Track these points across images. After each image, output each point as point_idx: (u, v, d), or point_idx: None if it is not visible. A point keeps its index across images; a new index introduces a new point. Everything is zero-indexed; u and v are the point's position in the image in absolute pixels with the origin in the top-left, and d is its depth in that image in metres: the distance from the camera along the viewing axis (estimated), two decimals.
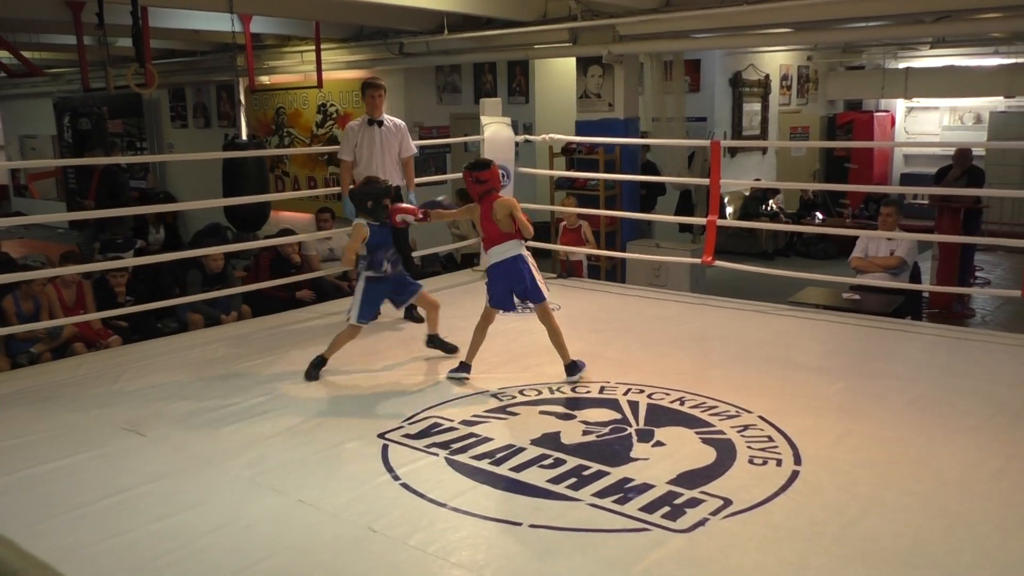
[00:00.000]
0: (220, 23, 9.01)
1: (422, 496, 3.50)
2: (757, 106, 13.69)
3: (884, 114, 15.64)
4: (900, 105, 16.12)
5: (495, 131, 7.78)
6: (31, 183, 18.93)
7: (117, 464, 3.90)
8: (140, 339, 6.45)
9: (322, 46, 10.69)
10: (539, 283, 4.90)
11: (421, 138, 11.81)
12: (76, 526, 3.33)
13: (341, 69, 11.87)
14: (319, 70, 10.54)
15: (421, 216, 5.10)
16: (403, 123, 6.31)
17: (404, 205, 5.22)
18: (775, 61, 13.88)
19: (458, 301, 7.06)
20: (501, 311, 5.06)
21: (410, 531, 3.22)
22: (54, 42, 11.22)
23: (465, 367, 4.95)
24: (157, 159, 15.24)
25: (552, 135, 8.42)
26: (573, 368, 4.89)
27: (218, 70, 13.33)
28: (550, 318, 4.95)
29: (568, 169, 9.86)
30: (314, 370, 5.00)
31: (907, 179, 15.36)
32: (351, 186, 5.84)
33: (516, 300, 5.03)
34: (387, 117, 6.16)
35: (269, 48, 12.44)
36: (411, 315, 6.16)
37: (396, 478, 3.68)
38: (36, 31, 10.49)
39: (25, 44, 10.77)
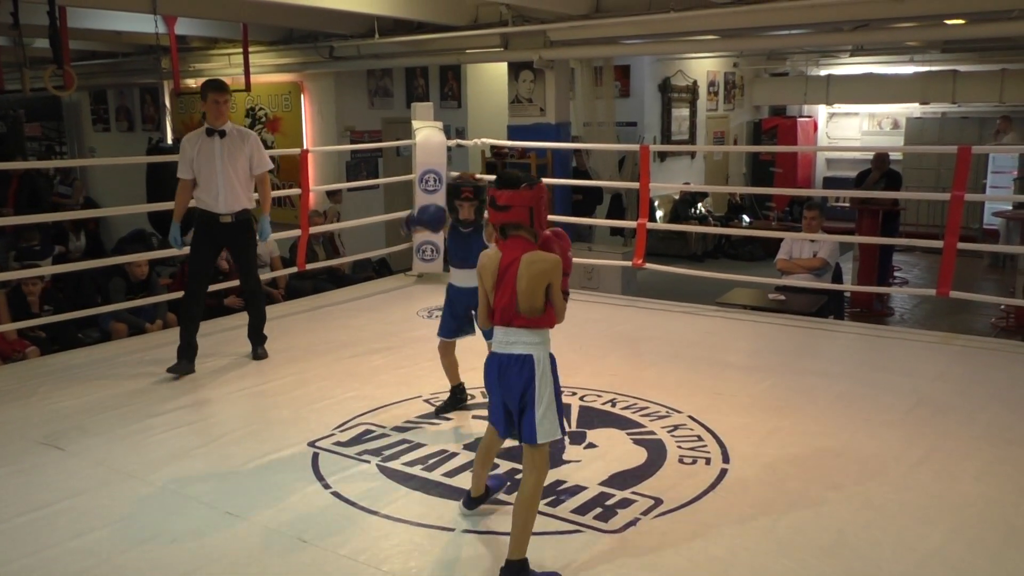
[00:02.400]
0: (143, 24, 8.78)
1: (353, 504, 3.46)
2: (686, 111, 13.92)
3: (807, 119, 16.09)
4: (822, 111, 16.62)
5: (427, 135, 7.75)
6: None
7: (34, 480, 3.76)
8: (59, 350, 6.23)
9: (250, 49, 10.51)
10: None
11: (353, 142, 11.73)
12: None
13: (270, 72, 11.70)
14: (247, 73, 10.36)
15: None
16: (253, 133, 5.38)
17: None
18: (703, 67, 14.15)
19: (390, 306, 7.03)
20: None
21: (341, 540, 3.17)
22: None
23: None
24: (78, 163, 14.75)
25: (484, 139, 8.44)
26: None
27: (142, 72, 13.01)
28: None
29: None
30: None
31: (829, 182, 15.82)
32: (191, 207, 5.24)
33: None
34: (232, 126, 5.21)
35: (195, 50, 12.18)
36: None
37: (327, 487, 3.62)
38: None
39: None
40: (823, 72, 15.15)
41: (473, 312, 4.20)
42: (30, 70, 8.53)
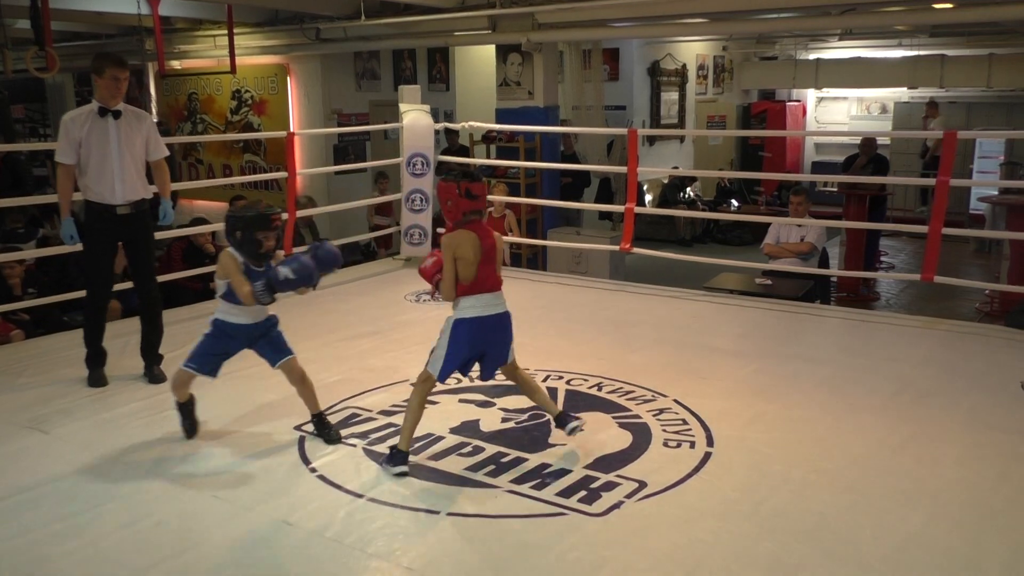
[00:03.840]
0: (126, 5, 8.70)
1: (339, 487, 3.46)
2: (675, 95, 13.91)
3: (796, 104, 16.09)
4: (811, 95, 16.61)
5: (414, 119, 7.71)
6: None
7: (19, 463, 3.75)
8: (45, 333, 6.19)
9: (235, 30, 10.43)
10: None
11: (340, 125, 11.67)
12: None
13: (256, 54, 11.61)
14: (232, 55, 10.28)
15: (433, 286, 3.77)
16: (147, 114, 4.94)
17: (432, 268, 3.73)
18: (692, 51, 14.12)
19: (378, 291, 7.02)
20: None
21: (326, 523, 3.18)
22: None
23: (401, 457, 3.59)
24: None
25: (472, 123, 8.40)
26: (565, 419, 3.82)
27: (125, 54, 12.81)
28: (519, 373, 3.86)
29: (488, 157, 9.84)
30: (187, 420, 4.00)
31: (818, 167, 15.85)
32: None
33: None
34: (126, 106, 4.66)
35: (180, 32, 12.07)
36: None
37: (312, 470, 3.63)
38: None
39: None
40: (812, 56, 15.15)
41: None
42: (12, 51, 8.46)
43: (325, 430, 3.95)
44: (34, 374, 4.94)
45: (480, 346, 3.66)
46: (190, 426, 4.00)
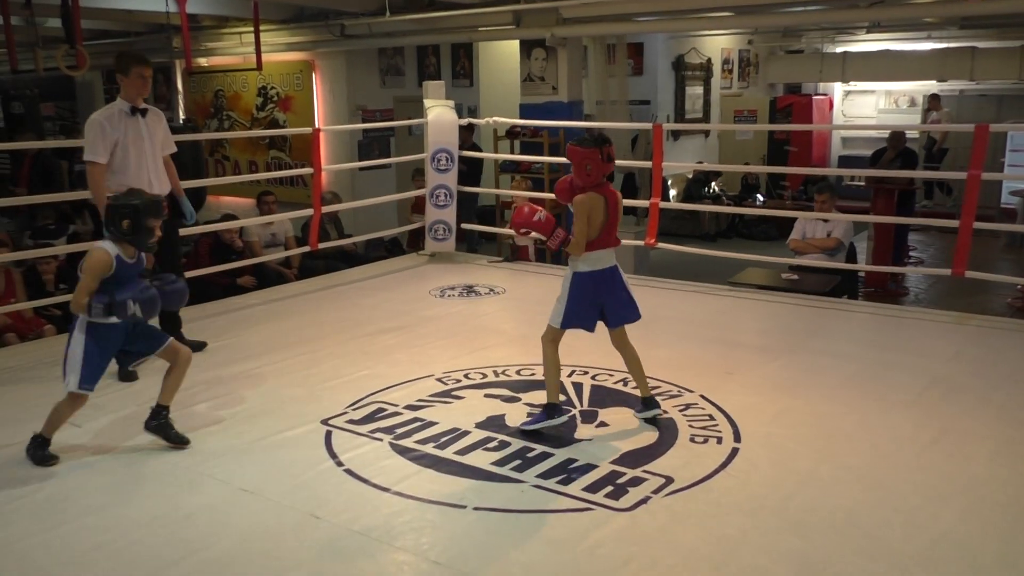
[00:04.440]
0: (154, 3, 8.76)
1: (366, 481, 3.48)
2: (699, 89, 13.83)
3: (823, 97, 15.94)
4: (838, 89, 16.46)
5: (439, 114, 7.73)
6: None
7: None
8: None
9: (261, 27, 10.46)
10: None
11: (364, 121, 11.71)
12: (9, 519, 3.25)
13: (281, 51, 11.67)
14: (258, 52, 10.32)
15: (556, 245, 3.81)
16: (161, 112, 5.06)
17: (532, 214, 3.81)
18: (716, 45, 14.03)
19: (403, 286, 7.04)
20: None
21: (354, 517, 3.20)
22: None
23: (554, 409, 3.90)
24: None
25: (496, 118, 8.41)
26: (651, 403, 4.04)
27: (154, 51, 12.94)
28: (627, 343, 4.07)
29: (512, 152, 9.84)
30: (41, 451, 3.72)
31: (845, 161, 15.70)
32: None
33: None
34: (145, 104, 4.84)
35: (206, 29, 12.15)
36: (128, 374, 4.68)
37: (340, 464, 3.65)
38: None
39: None
40: (839, 49, 15.00)
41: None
42: (43, 50, 8.56)
43: (161, 424, 3.83)
44: None
45: (599, 297, 3.90)
46: (46, 458, 3.69)
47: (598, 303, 3.93)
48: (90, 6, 9.26)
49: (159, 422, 3.84)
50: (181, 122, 9.83)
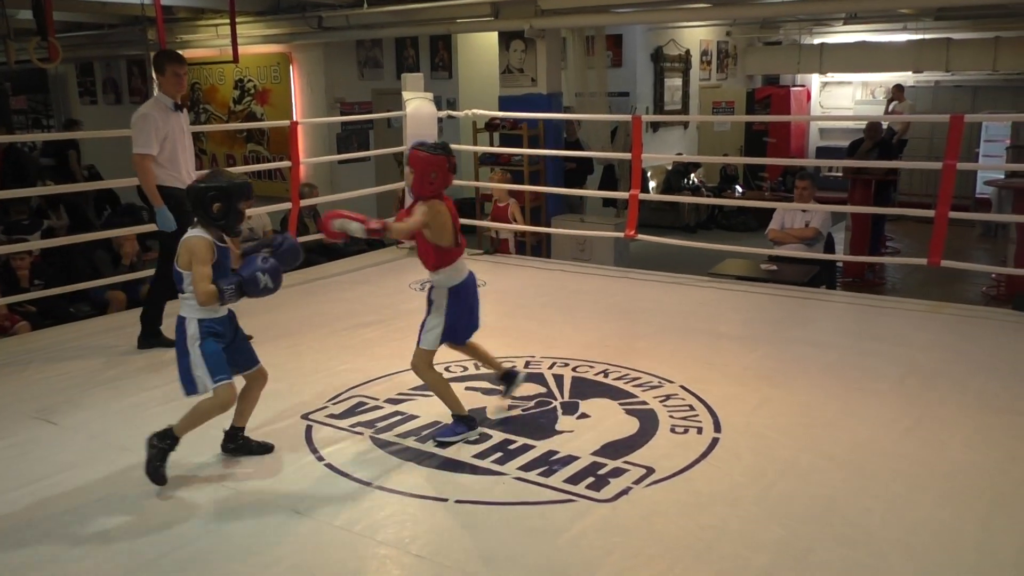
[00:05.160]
0: None
1: (347, 476, 3.47)
2: (679, 81, 13.85)
3: (800, 89, 16.01)
4: (815, 80, 16.53)
5: (417, 107, 7.69)
6: None
7: (28, 454, 3.76)
8: (51, 324, 6.21)
9: (237, 19, 10.36)
10: None
11: (343, 114, 11.64)
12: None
13: (258, 43, 11.56)
14: (235, 44, 10.22)
15: (375, 227, 3.64)
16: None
17: (343, 211, 3.71)
18: (695, 36, 14.05)
19: (382, 279, 7.02)
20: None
21: (335, 511, 3.18)
22: None
23: (465, 420, 3.83)
24: (63, 137, 14.64)
25: (475, 110, 8.38)
26: (510, 376, 4.14)
27: (128, 44, 12.83)
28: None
29: (492, 144, 9.82)
30: (162, 460, 3.40)
31: (822, 152, 15.79)
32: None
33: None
34: None
35: (182, 21, 12.02)
36: None
37: (320, 459, 3.63)
38: None
39: None
40: (816, 41, 15.06)
41: None
42: (14, 42, 8.43)
43: (240, 446, 3.67)
44: (41, 365, 4.95)
45: (472, 303, 3.90)
46: (159, 473, 3.39)
47: (473, 309, 3.91)
48: None
49: (237, 444, 3.67)
50: None
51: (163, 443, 3.38)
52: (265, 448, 3.69)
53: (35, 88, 15.10)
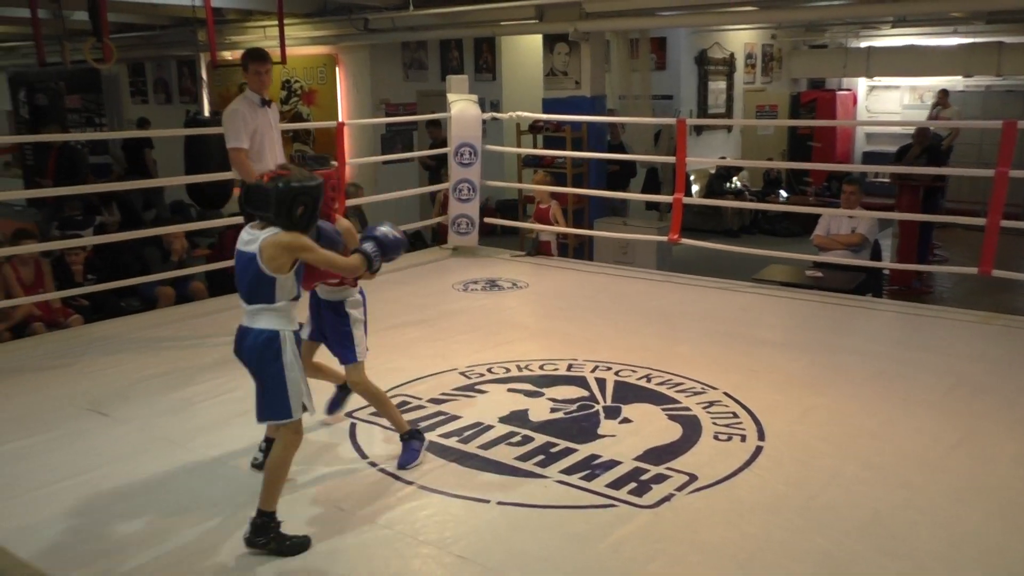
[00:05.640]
0: None
1: (390, 475, 3.51)
2: (722, 84, 13.75)
3: (846, 93, 15.79)
4: (862, 84, 16.29)
5: (462, 108, 7.74)
6: None
7: (79, 445, 3.86)
8: (102, 318, 6.36)
9: (285, 21, 10.50)
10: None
11: (387, 115, 11.74)
12: (38, 507, 3.30)
13: (305, 45, 11.70)
14: (282, 46, 10.36)
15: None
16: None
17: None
18: (740, 39, 13.93)
19: (425, 279, 7.07)
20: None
21: (378, 510, 3.22)
22: (7, 15, 10.90)
23: (416, 434, 3.71)
24: (116, 136, 14.95)
25: (519, 113, 8.40)
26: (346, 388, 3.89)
27: (179, 45, 13.08)
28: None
29: (535, 147, 9.84)
30: (283, 539, 2.98)
31: (869, 157, 15.54)
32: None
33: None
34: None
35: (231, 23, 12.21)
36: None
37: (364, 456, 3.68)
38: None
39: None
40: (863, 44, 14.85)
41: None
42: (70, 43, 8.63)
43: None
44: (94, 358, 5.07)
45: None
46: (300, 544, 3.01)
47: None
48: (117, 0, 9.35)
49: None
50: (207, 115, 9.90)
51: (267, 533, 2.96)
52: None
53: (88, 88, 15.41)
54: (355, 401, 4.27)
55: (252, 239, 2.96)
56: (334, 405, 4.02)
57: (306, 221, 2.99)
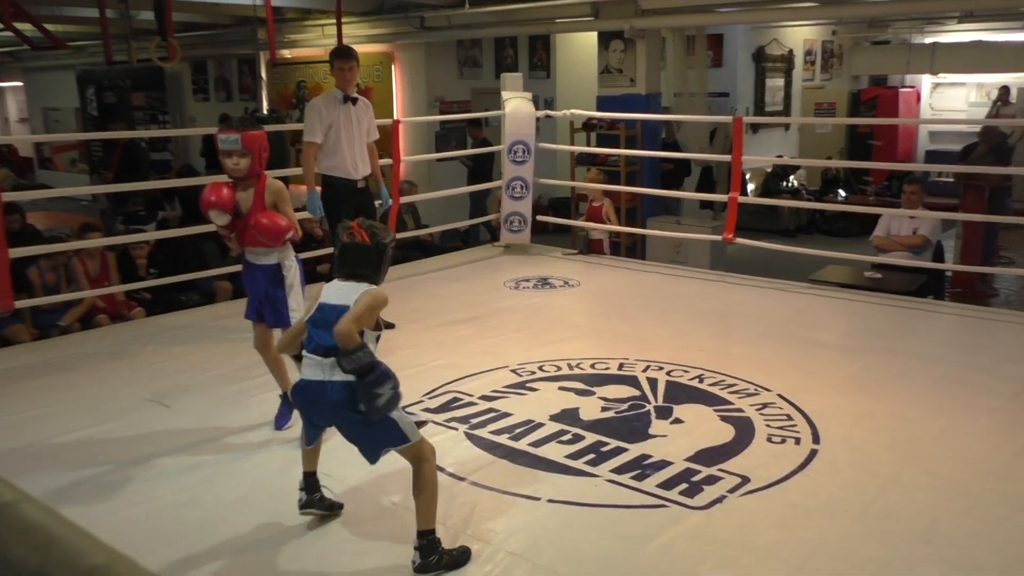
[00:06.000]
0: None
1: (441, 470, 3.51)
2: (780, 81, 13.53)
3: (909, 90, 15.41)
4: (926, 81, 15.87)
5: (516, 106, 7.75)
6: (54, 155, 19.09)
7: (142, 434, 3.96)
8: (162, 311, 6.52)
9: (343, 20, 10.65)
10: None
11: (442, 112, 11.82)
12: (103, 494, 3.40)
13: (362, 43, 11.84)
14: (340, 44, 10.52)
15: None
16: (369, 102, 5.53)
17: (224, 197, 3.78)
18: (799, 36, 13.70)
19: (477, 276, 7.10)
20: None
21: None
22: (76, 15, 11.25)
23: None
24: (179, 133, 15.32)
25: (573, 110, 8.39)
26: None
27: (239, 43, 13.35)
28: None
29: (588, 144, 9.81)
30: (444, 554, 2.86)
31: (932, 156, 15.14)
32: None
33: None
34: (357, 95, 5.38)
35: (290, 21, 12.42)
36: None
37: None
38: (59, 3, 10.53)
39: (48, 17, 10.80)
40: (928, 40, 14.47)
41: None
42: (136, 42, 8.87)
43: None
44: (156, 350, 5.21)
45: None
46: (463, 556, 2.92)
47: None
48: None
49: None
50: (265, 112, 10.08)
51: (433, 551, 2.83)
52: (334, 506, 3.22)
53: (152, 85, 15.81)
54: (406, 396, 4.31)
55: (343, 294, 2.87)
56: (282, 419, 3.94)
57: (382, 274, 3.04)
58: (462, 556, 2.88)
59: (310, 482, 3.14)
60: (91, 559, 0.70)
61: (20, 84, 22.23)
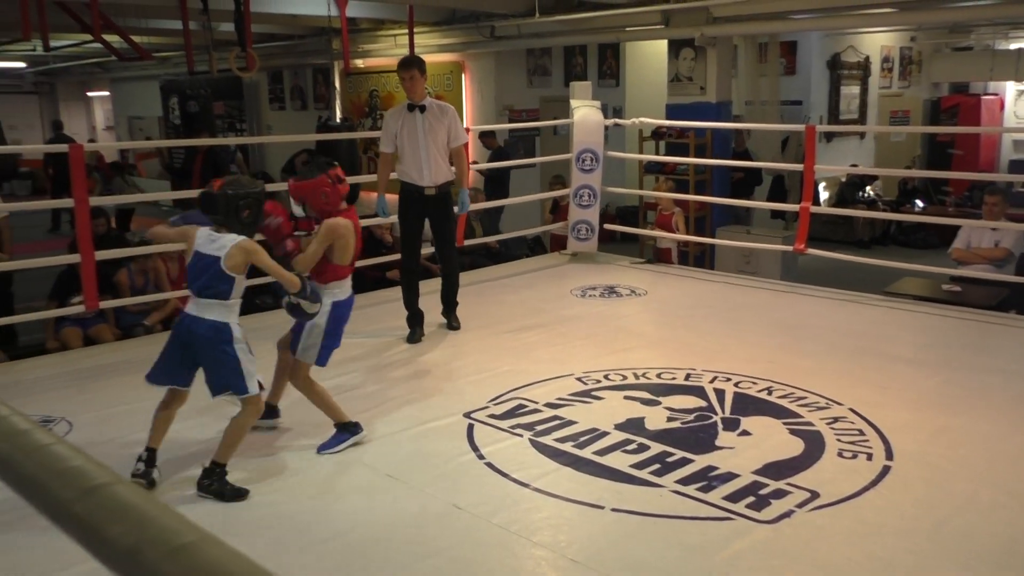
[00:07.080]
0: (317, 7, 9.23)
1: (506, 476, 3.56)
2: (856, 89, 13.24)
3: (993, 97, 14.92)
4: (1010, 88, 15.34)
5: (585, 115, 7.76)
6: (138, 162, 19.79)
7: (213, 429, 4.07)
8: (241, 314, 6.68)
9: (415, 29, 10.83)
10: None
11: (511, 121, 11.89)
12: (183, 487, 3.51)
13: (434, 52, 12.01)
14: (412, 53, 10.69)
15: (290, 248, 3.81)
16: (451, 107, 5.52)
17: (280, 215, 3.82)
18: (876, 42, 13.39)
19: (544, 284, 7.12)
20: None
21: (493, 509, 3.28)
22: (161, 27, 11.68)
23: (353, 427, 3.91)
24: (256, 141, 15.75)
25: (642, 119, 8.36)
26: (274, 411, 4.10)
27: (315, 53, 13.66)
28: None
29: (657, 153, 9.76)
30: (229, 486, 3.44)
31: (1016, 166, 14.63)
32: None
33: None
34: (431, 100, 5.43)
35: (364, 32, 12.67)
36: None
37: (481, 457, 3.74)
38: (144, 16, 10.94)
39: (134, 29, 11.24)
40: (1012, 46, 13.99)
41: None
42: (216, 52, 9.16)
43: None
44: None
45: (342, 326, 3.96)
46: (239, 492, 3.44)
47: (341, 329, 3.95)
48: (260, 11, 9.85)
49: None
50: (338, 121, 10.29)
51: (212, 476, 3.41)
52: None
53: (231, 95, 16.32)
54: (473, 401, 4.36)
55: (216, 243, 3.40)
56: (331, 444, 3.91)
57: (251, 223, 3.49)
58: (233, 493, 3.37)
59: (151, 457, 3.52)
60: (182, 537, 0.75)
61: (107, 94, 23.18)
